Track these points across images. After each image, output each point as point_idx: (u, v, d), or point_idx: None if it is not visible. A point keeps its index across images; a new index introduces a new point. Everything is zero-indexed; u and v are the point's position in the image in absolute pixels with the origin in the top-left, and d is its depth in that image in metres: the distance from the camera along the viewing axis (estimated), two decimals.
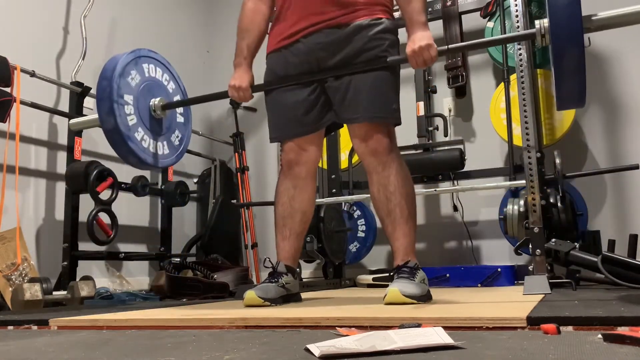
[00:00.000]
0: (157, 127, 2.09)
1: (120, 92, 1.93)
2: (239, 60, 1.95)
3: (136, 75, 2.04)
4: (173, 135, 2.17)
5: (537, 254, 2.20)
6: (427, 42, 1.68)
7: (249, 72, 1.96)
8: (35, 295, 2.18)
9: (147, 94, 2.06)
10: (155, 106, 2.06)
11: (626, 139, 3.07)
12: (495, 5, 3.08)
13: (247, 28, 1.96)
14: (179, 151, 2.21)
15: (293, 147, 1.90)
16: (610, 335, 0.90)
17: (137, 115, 2.00)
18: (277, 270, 1.88)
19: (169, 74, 2.22)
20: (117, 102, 1.91)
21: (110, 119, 1.91)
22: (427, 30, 1.73)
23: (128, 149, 1.93)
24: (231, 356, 0.90)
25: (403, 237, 1.77)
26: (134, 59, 2.05)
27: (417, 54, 1.69)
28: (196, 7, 4.24)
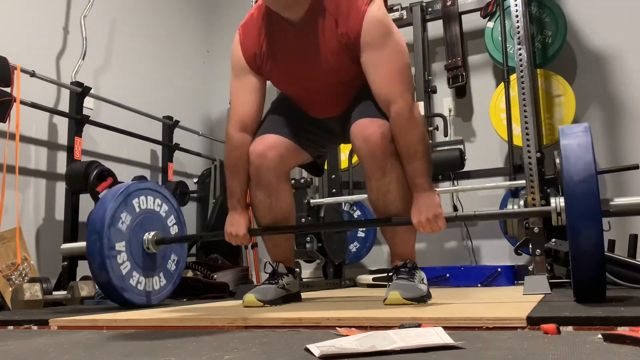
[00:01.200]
0: (151, 263, 2.00)
1: (111, 244, 1.86)
2: (232, 204, 1.82)
3: (127, 217, 1.94)
4: (169, 261, 2.09)
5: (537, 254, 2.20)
6: (434, 213, 1.59)
7: (245, 216, 1.82)
8: (35, 295, 2.18)
9: (139, 230, 1.98)
10: (149, 242, 1.98)
11: (626, 139, 3.07)
12: (495, 5, 3.08)
13: (237, 168, 1.80)
14: (175, 276, 2.11)
15: (262, 150, 1.77)
16: (610, 335, 0.90)
17: (131, 260, 1.92)
18: (278, 271, 1.87)
19: (160, 198, 2.11)
20: (108, 257, 1.84)
21: (102, 275, 1.84)
22: (432, 195, 1.62)
23: (124, 299, 1.88)
24: (231, 356, 0.90)
25: (402, 243, 1.76)
26: (123, 200, 1.95)
27: (424, 226, 1.61)
28: (196, 7, 4.24)
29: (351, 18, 1.64)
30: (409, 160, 1.63)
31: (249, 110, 1.81)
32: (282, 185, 1.82)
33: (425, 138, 1.66)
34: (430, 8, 3.23)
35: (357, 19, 1.63)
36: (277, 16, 1.72)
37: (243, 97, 1.82)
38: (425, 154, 1.64)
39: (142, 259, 1.97)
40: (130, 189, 2.00)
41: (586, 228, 1.31)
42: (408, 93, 1.64)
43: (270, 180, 1.78)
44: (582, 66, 3.21)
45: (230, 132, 1.82)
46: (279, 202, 1.82)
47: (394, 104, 1.62)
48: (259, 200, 1.82)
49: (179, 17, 4.04)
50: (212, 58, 4.24)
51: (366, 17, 1.63)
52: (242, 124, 1.80)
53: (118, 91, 3.24)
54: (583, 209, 1.31)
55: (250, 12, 1.83)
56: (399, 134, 1.63)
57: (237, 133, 1.80)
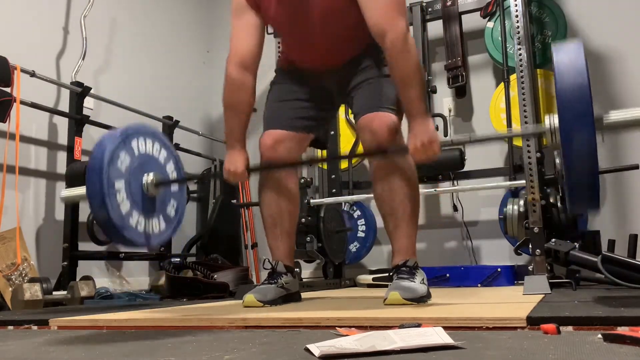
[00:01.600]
0: (151, 205, 1.98)
1: (110, 182, 1.83)
2: (231, 143, 1.86)
3: (126, 157, 1.92)
4: (168, 206, 2.06)
5: (537, 254, 2.20)
6: (429, 139, 1.61)
7: (244, 154, 1.85)
8: (35, 295, 2.18)
9: (138, 172, 1.96)
10: (148, 185, 1.95)
11: (626, 139, 3.07)
12: (495, 5, 3.08)
13: (235, 106, 1.85)
14: (175, 222, 2.07)
15: (271, 143, 1.86)
16: (610, 335, 0.90)
17: (130, 200, 1.89)
18: (277, 270, 1.88)
19: (159, 143, 2.11)
20: (108, 195, 1.80)
21: (102, 212, 1.80)
22: (427, 121, 1.65)
23: (123, 238, 1.85)
24: (231, 356, 0.90)
25: (404, 237, 1.77)
26: (122, 140, 1.96)
27: (420, 150, 1.62)
28: (196, 7, 4.24)
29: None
30: (405, 89, 1.67)
31: (249, 49, 1.84)
32: (290, 178, 1.90)
33: (419, 66, 1.69)
34: (430, 8, 3.23)
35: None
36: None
37: (243, 35, 1.85)
38: (419, 81, 1.68)
39: (142, 201, 1.96)
40: (129, 130, 2.02)
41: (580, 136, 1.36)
42: (402, 22, 1.67)
43: (280, 172, 1.87)
44: None
45: (230, 70, 1.83)
46: (286, 193, 1.89)
47: (388, 34, 1.65)
48: (267, 190, 1.89)
49: (179, 17, 4.04)
50: (212, 58, 4.24)
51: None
52: (242, 63, 1.83)
53: (118, 91, 3.24)
54: (577, 120, 1.37)
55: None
56: (394, 64, 1.67)
57: (238, 72, 1.83)
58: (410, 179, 1.77)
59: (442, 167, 3.03)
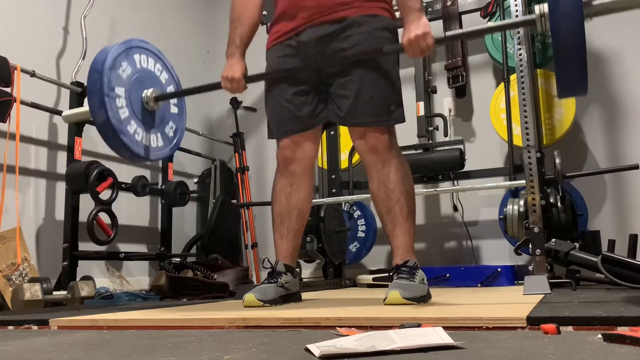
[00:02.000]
0: (150, 119, 2.01)
1: (111, 85, 1.86)
2: (231, 50, 1.91)
3: (127, 67, 1.96)
4: (167, 126, 2.09)
5: (537, 254, 2.20)
6: (423, 31, 1.64)
7: (242, 62, 1.91)
8: (35, 295, 2.18)
9: (139, 85, 1.98)
10: (148, 98, 1.98)
11: (626, 139, 3.07)
12: (495, 5, 3.08)
13: (239, 17, 1.92)
14: (173, 142, 2.10)
15: (288, 144, 1.89)
16: (610, 335, 0.90)
17: (129, 108, 1.92)
18: (276, 270, 1.87)
19: (161, 64, 2.13)
20: (108, 96, 1.83)
21: (101, 113, 1.82)
22: (422, 17, 1.68)
23: (120, 142, 1.86)
24: (231, 356, 0.90)
25: (402, 235, 1.77)
26: (125, 50, 1.96)
27: (413, 43, 1.65)
28: (196, 7, 4.24)
29: None
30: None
31: None
32: (306, 177, 1.91)
33: None
34: (430, 8, 3.23)
35: None
36: None
37: None
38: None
39: (141, 113, 1.98)
40: (133, 43, 2.04)
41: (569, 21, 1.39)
42: None
43: (296, 170, 1.89)
44: None
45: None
46: (299, 192, 1.90)
47: None
48: (281, 185, 1.90)
49: (179, 17, 4.04)
50: (212, 58, 4.24)
51: None
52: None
53: None
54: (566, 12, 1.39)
55: None
56: None
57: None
58: (405, 177, 1.78)
59: (442, 167, 3.03)
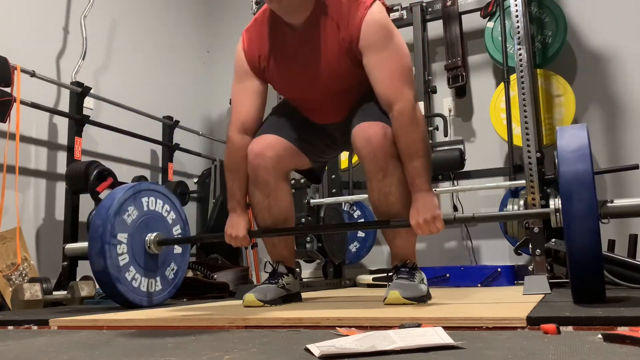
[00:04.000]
0: (151, 263, 2.00)
1: (113, 232, 1.86)
2: (232, 206, 1.83)
3: (134, 212, 1.95)
4: (168, 268, 2.08)
5: (537, 254, 2.20)
6: (432, 215, 1.59)
7: (245, 217, 1.83)
8: (35, 295, 2.18)
9: (143, 229, 1.98)
10: (151, 242, 1.97)
11: (626, 139, 3.07)
12: (495, 5, 3.08)
13: (237, 169, 1.82)
14: (172, 285, 2.09)
15: (260, 149, 1.77)
16: (610, 335, 0.90)
17: (130, 254, 1.92)
18: (278, 271, 1.87)
19: (170, 205, 2.13)
20: (109, 243, 1.83)
21: (99, 261, 1.83)
22: (430, 196, 1.62)
23: (115, 290, 1.85)
24: (231, 356, 0.90)
25: (402, 244, 1.76)
26: (133, 194, 1.96)
27: (423, 227, 1.60)
28: (196, 7, 4.24)
29: (351, 21, 1.65)
30: (409, 160, 1.64)
31: (250, 113, 1.83)
32: (281, 186, 1.82)
33: (426, 138, 1.67)
34: (430, 8, 3.23)
35: (356, 23, 1.65)
36: (280, 20, 1.73)
37: (244, 100, 1.83)
38: (426, 153, 1.65)
39: (142, 257, 1.98)
40: (142, 187, 2.04)
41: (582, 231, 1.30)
42: (410, 93, 1.65)
43: (268, 180, 1.78)
44: (582, 66, 3.21)
45: (231, 134, 1.83)
46: (278, 202, 1.82)
47: (396, 104, 1.63)
48: (257, 200, 1.82)
49: (179, 17, 4.04)
50: (212, 58, 4.24)
51: (365, 20, 1.64)
52: (242, 127, 1.82)
53: (118, 91, 3.24)
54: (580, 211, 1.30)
55: (255, 17, 1.85)
56: (401, 133, 1.64)
57: (238, 135, 1.82)
58: (406, 191, 1.71)
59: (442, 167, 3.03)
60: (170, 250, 2.11)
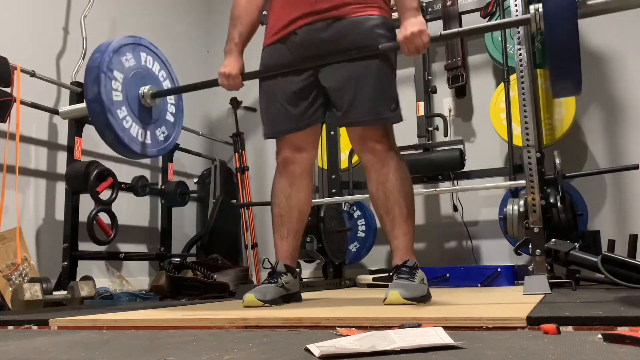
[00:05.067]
0: (144, 115, 1.96)
1: (110, 65, 1.83)
2: (229, 47, 1.92)
3: (131, 59, 1.94)
4: (159, 129, 2.05)
5: (537, 254, 2.20)
6: (419, 28, 1.66)
7: (240, 60, 1.92)
8: (35, 295, 2.18)
9: (139, 80, 1.95)
10: (145, 93, 1.95)
11: (626, 139, 3.07)
12: (495, 5, 3.08)
13: (240, 15, 1.93)
14: (161, 147, 2.06)
15: (287, 144, 1.89)
16: (610, 335, 0.90)
17: (124, 95, 1.89)
18: (277, 270, 1.87)
19: (166, 72, 2.11)
20: (104, 73, 1.80)
21: (94, 87, 1.78)
22: (418, 16, 1.70)
23: (106, 121, 1.79)
24: (231, 356, 0.90)
25: (402, 235, 1.77)
26: (133, 43, 1.95)
27: (409, 40, 1.66)
28: (196, 7, 4.24)
29: None
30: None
31: None
32: (305, 177, 1.92)
33: None
34: (430, 8, 3.23)
35: None
36: None
37: None
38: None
39: (136, 106, 1.95)
40: (143, 41, 2.04)
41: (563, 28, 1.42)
42: None
43: (295, 170, 1.89)
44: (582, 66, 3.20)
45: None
46: (299, 192, 1.90)
47: None
48: (281, 186, 1.91)
49: (179, 17, 4.04)
50: (212, 58, 4.24)
51: None
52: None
53: None
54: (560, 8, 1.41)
55: None
56: None
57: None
58: (404, 178, 1.78)
59: (442, 167, 3.03)
60: (163, 113, 2.09)
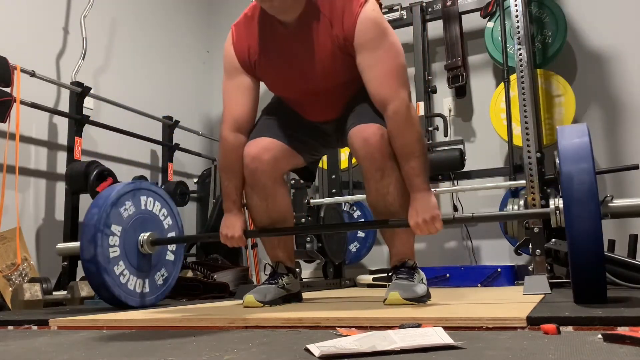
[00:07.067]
0: (142, 263, 1.95)
1: (108, 221, 1.82)
2: (228, 206, 1.81)
3: (131, 207, 1.92)
4: (158, 273, 2.03)
5: (537, 254, 2.20)
6: (431, 215, 1.57)
7: (241, 217, 1.81)
8: (35, 295, 2.18)
9: (138, 227, 1.94)
10: (144, 241, 1.93)
11: (626, 139, 3.07)
12: (495, 5, 3.08)
13: (231, 169, 1.79)
14: (160, 292, 2.04)
15: (256, 153, 1.75)
16: (610, 335, 0.90)
17: (122, 248, 1.87)
18: (278, 271, 1.87)
19: (167, 209, 2.08)
20: (101, 232, 1.79)
21: (90, 248, 1.78)
22: (429, 197, 1.60)
23: (102, 282, 1.79)
24: (231, 356, 0.90)
25: (401, 244, 1.76)
26: (133, 190, 1.93)
27: (422, 228, 1.59)
28: (196, 7, 4.24)
29: (345, 19, 1.64)
30: (406, 160, 1.62)
31: (242, 111, 1.80)
32: (278, 188, 1.81)
33: (421, 137, 1.65)
34: (430, 8, 3.23)
35: (351, 20, 1.64)
36: (271, 17, 1.71)
37: (236, 97, 1.81)
38: (422, 153, 1.63)
39: (134, 256, 1.94)
40: (143, 185, 2.02)
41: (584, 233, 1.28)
42: (404, 92, 1.64)
43: (266, 183, 1.77)
44: (582, 66, 3.21)
45: (224, 133, 1.80)
46: (275, 204, 1.81)
47: (391, 104, 1.62)
48: (255, 203, 1.81)
49: (179, 17, 4.04)
50: (212, 58, 4.24)
51: (360, 18, 1.63)
52: (236, 125, 1.79)
53: (118, 91, 3.24)
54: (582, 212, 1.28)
55: (245, 12, 1.81)
56: (396, 133, 1.63)
57: (232, 134, 1.79)
58: (404, 190, 1.69)
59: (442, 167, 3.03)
60: (162, 255, 2.08)
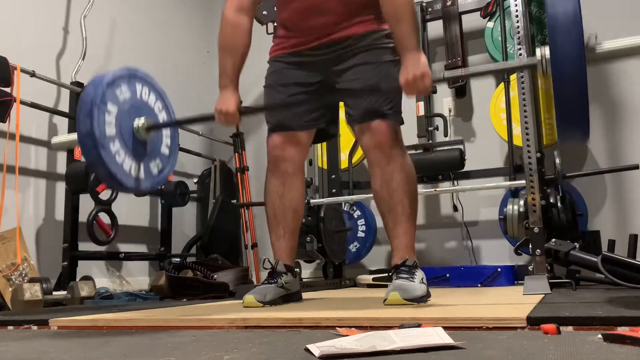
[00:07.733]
0: (137, 149, 1.91)
1: (104, 98, 1.79)
2: (224, 82, 1.86)
3: (126, 91, 1.89)
4: (153, 162, 1.99)
5: (537, 254, 2.20)
6: (422, 71, 1.61)
7: (236, 95, 1.86)
8: (35, 295, 2.18)
9: (134, 113, 1.90)
10: (139, 126, 1.90)
11: (626, 139, 3.07)
12: (495, 5, 3.08)
13: (230, 46, 1.86)
14: (155, 180, 1.99)
15: (280, 143, 1.88)
16: (610, 335, 0.90)
17: (117, 128, 1.83)
18: (277, 270, 1.87)
19: (162, 103, 2.06)
20: (98, 107, 1.76)
21: (86, 121, 1.74)
22: (419, 55, 1.65)
23: (98, 156, 1.75)
24: (231, 356, 0.90)
25: (403, 234, 1.77)
26: (128, 75, 1.90)
27: (411, 83, 1.62)
28: (196, 7, 4.24)
29: None
30: (397, 23, 1.69)
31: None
32: (297, 176, 1.91)
33: (411, 1, 1.71)
34: (430, 8, 3.23)
35: None
36: None
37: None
38: (412, 15, 1.69)
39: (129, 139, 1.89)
40: (138, 73, 1.99)
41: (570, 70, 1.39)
42: None
43: (287, 170, 1.88)
44: None
45: (227, 12, 1.87)
46: (291, 192, 1.89)
47: None
48: (273, 186, 1.90)
49: (179, 17, 4.04)
50: (212, 58, 4.21)
51: None
52: (239, 5, 1.86)
53: None
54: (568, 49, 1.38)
55: None
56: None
57: (234, 13, 1.86)
58: (409, 176, 1.77)
59: (442, 167, 3.03)
60: (158, 145, 2.04)
